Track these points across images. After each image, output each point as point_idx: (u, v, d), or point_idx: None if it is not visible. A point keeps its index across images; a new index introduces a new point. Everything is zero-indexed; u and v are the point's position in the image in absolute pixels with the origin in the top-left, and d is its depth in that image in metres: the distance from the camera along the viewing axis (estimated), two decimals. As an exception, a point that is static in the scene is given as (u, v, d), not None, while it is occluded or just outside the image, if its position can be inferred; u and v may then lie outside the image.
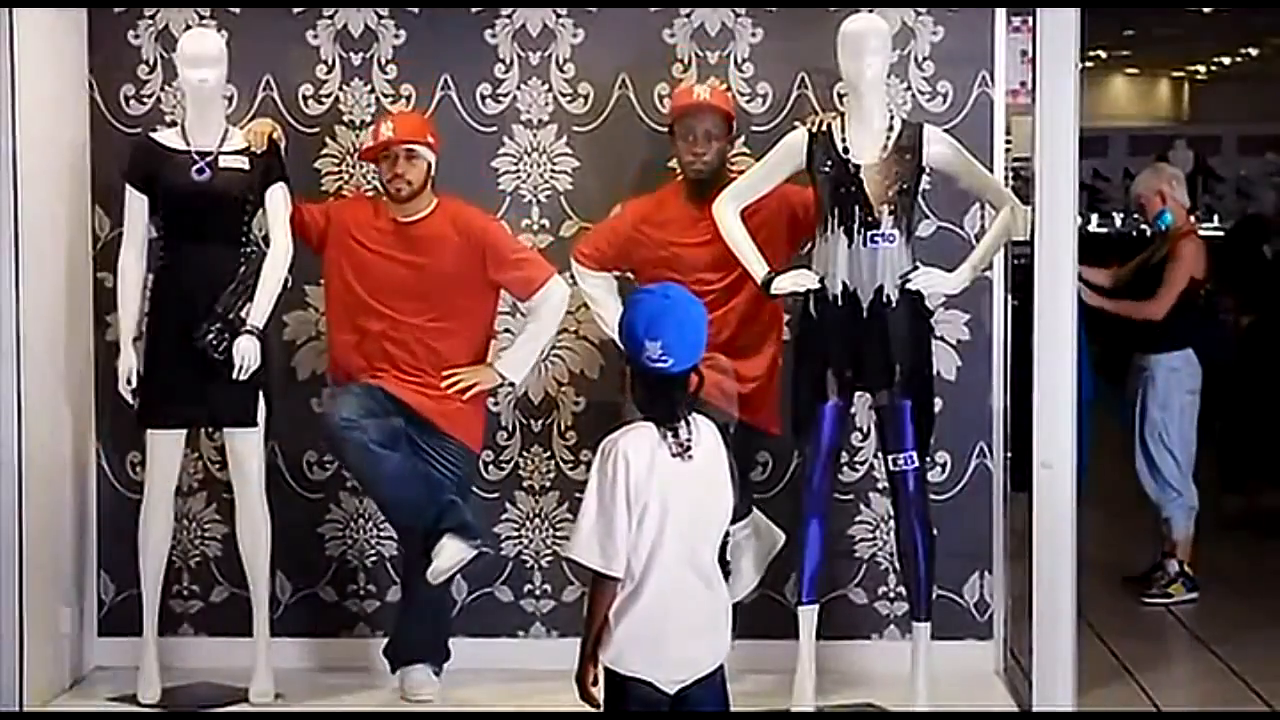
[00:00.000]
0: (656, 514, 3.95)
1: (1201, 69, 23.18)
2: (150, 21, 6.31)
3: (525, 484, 6.35)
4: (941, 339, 6.14)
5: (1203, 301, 7.54)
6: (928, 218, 6.15)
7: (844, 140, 5.62)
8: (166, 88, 6.27)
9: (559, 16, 6.26)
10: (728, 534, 4.61)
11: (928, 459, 5.82)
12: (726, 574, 4.24)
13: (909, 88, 6.20)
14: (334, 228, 5.94)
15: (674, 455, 3.98)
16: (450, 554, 5.64)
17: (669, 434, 3.99)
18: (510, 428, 6.31)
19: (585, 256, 6.01)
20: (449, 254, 5.86)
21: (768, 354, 5.90)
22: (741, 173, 5.92)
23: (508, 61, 6.27)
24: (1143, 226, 11.04)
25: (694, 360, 4.03)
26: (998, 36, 6.19)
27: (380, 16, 6.30)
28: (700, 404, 4.10)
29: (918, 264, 5.65)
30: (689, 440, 4.00)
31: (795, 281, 5.65)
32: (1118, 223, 16.21)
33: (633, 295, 4.19)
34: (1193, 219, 7.98)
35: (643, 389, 4.03)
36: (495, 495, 6.33)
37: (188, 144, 5.87)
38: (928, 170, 5.72)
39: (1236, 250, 9.10)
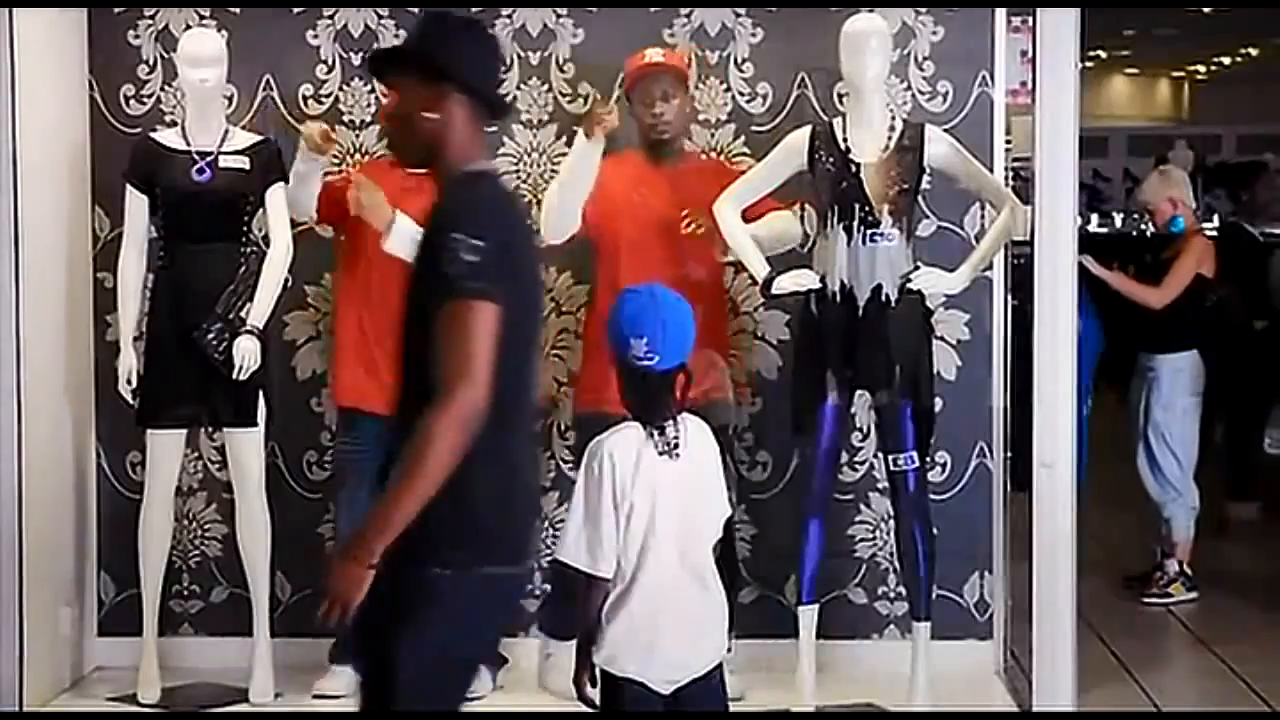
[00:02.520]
0: (645, 514, 3.94)
1: (1201, 69, 23.19)
2: (150, 21, 6.31)
3: (525, 484, 6.34)
4: (941, 339, 6.14)
5: (1211, 303, 7.53)
6: (928, 218, 6.15)
7: (845, 140, 5.62)
8: (166, 88, 6.28)
9: (559, 16, 6.26)
10: (730, 533, 4.60)
11: (928, 459, 5.82)
12: (723, 574, 4.23)
13: (909, 88, 6.21)
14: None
15: (661, 454, 3.97)
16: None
17: (656, 433, 3.98)
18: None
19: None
20: None
21: (717, 330, 5.80)
22: (742, 172, 5.93)
23: (508, 61, 6.27)
24: (1143, 227, 10.98)
25: (681, 358, 4.01)
26: (998, 36, 6.20)
27: (380, 16, 6.30)
28: (703, 405, 4.10)
29: (918, 264, 5.66)
30: (676, 439, 3.99)
31: (796, 281, 5.65)
32: (1118, 223, 16.20)
33: (619, 293, 4.17)
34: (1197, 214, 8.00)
35: (630, 387, 4.03)
36: (495, 495, 6.32)
37: (188, 144, 5.87)
38: (928, 170, 5.72)
39: (1233, 255, 9.06)
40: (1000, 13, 6.18)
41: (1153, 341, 7.46)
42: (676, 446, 3.98)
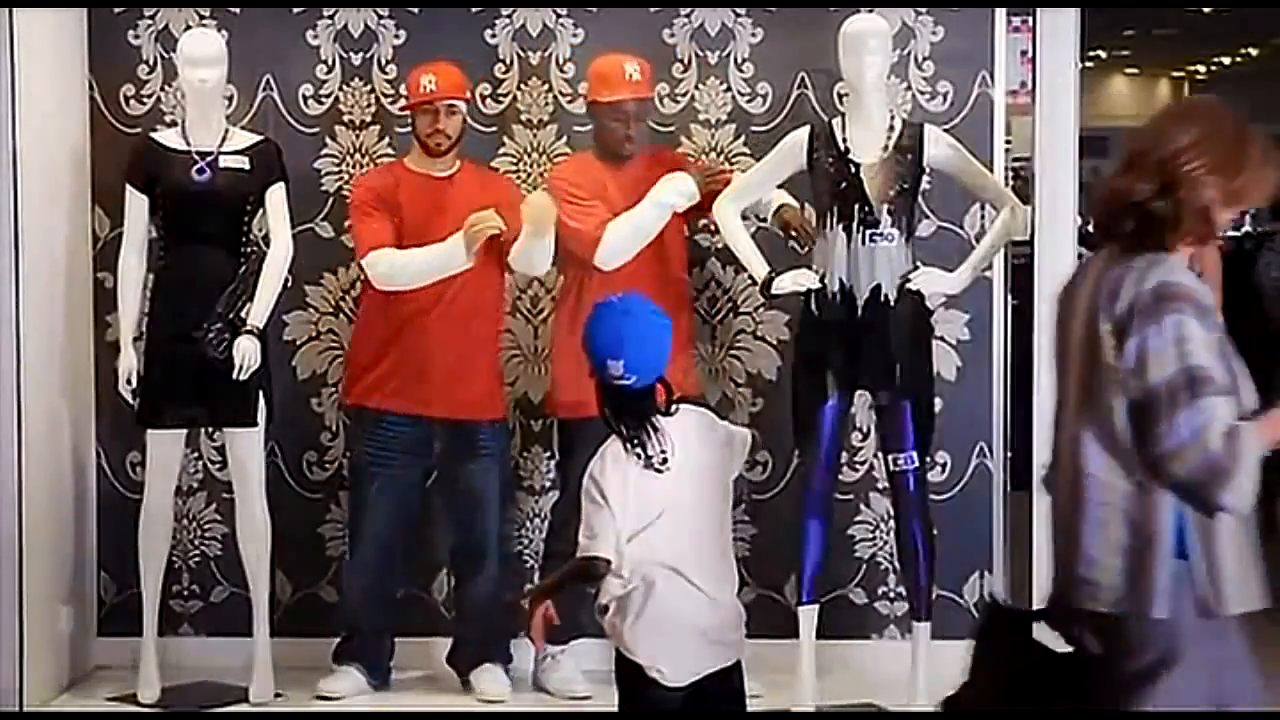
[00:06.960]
0: (642, 528, 3.96)
1: (1201, 69, 23.19)
2: (150, 21, 6.31)
3: (525, 484, 6.35)
4: (941, 339, 6.14)
5: None
6: (928, 218, 6.15)
7: (844, 140, 5.63)
8: (166, 88, 6.27)
9: (559, 16, 6.26)
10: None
11: (928, 459, 5.82)
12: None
13: (909, 88, 6.21)
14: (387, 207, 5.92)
15: (646, 469, 3.97)
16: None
17: (638, 448, 3.97)
18: (510, 428, 6.31)
19: None
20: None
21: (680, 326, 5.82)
22: (743, 171, 5.94)
23: (508, 61, 6.27)
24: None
25: (659, 372, 4.01)
26: (998, 36, 6.20)
27: (380, 16, 6.30)
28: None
29: (918, 264, 5.66)
30: (663, 452, 3.99)
31: (795, 281, 5.66)
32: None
33: (595, 307, 4.14)
34: None
35: (608, 402, 4.02)
36: (495, 495, 6.33)
37: (188, 144, 5.87)
38: (928, 170, 5.73)
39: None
40: (1000, 13, 6.18)
41: None
42: (665, 460, 3.98)
